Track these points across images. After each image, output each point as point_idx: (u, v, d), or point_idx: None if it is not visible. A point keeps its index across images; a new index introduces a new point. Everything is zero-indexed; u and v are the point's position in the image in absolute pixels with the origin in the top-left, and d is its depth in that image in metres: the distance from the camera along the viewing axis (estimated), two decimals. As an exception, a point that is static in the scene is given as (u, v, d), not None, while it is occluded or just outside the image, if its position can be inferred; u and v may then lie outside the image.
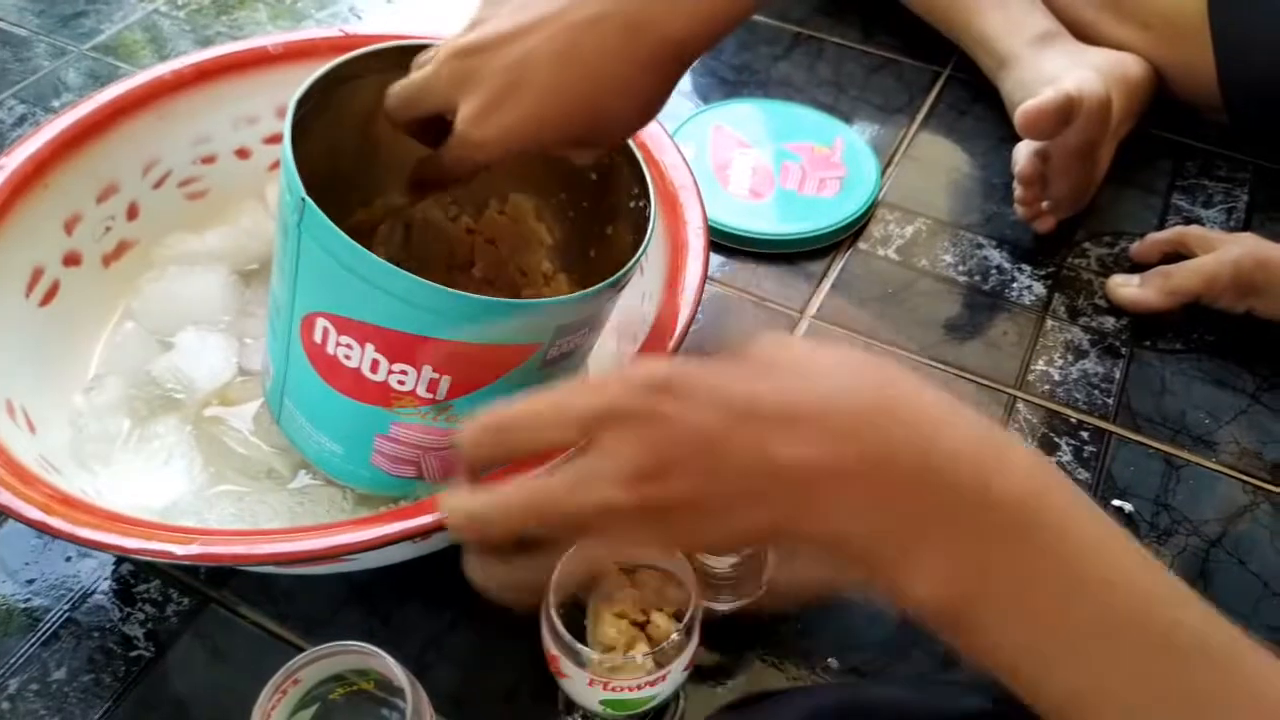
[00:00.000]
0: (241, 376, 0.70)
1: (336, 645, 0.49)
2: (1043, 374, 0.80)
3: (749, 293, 0.85)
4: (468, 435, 0.40)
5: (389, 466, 0.58)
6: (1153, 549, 0.68)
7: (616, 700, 0.51)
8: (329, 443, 0.59)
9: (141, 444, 0.65)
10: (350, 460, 0.59)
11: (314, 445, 0.60)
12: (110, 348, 0.71)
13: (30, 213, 0.66)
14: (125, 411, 0.67)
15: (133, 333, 0.71)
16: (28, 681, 0.60)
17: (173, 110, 0.73)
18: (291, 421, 0.60)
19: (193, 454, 0.65)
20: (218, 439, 0.66)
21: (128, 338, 0.71)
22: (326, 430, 0.58)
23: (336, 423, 0.57)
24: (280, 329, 0.55)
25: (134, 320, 0.72)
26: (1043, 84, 0.86)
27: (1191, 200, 0.95)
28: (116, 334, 0.71)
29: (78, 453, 0.64)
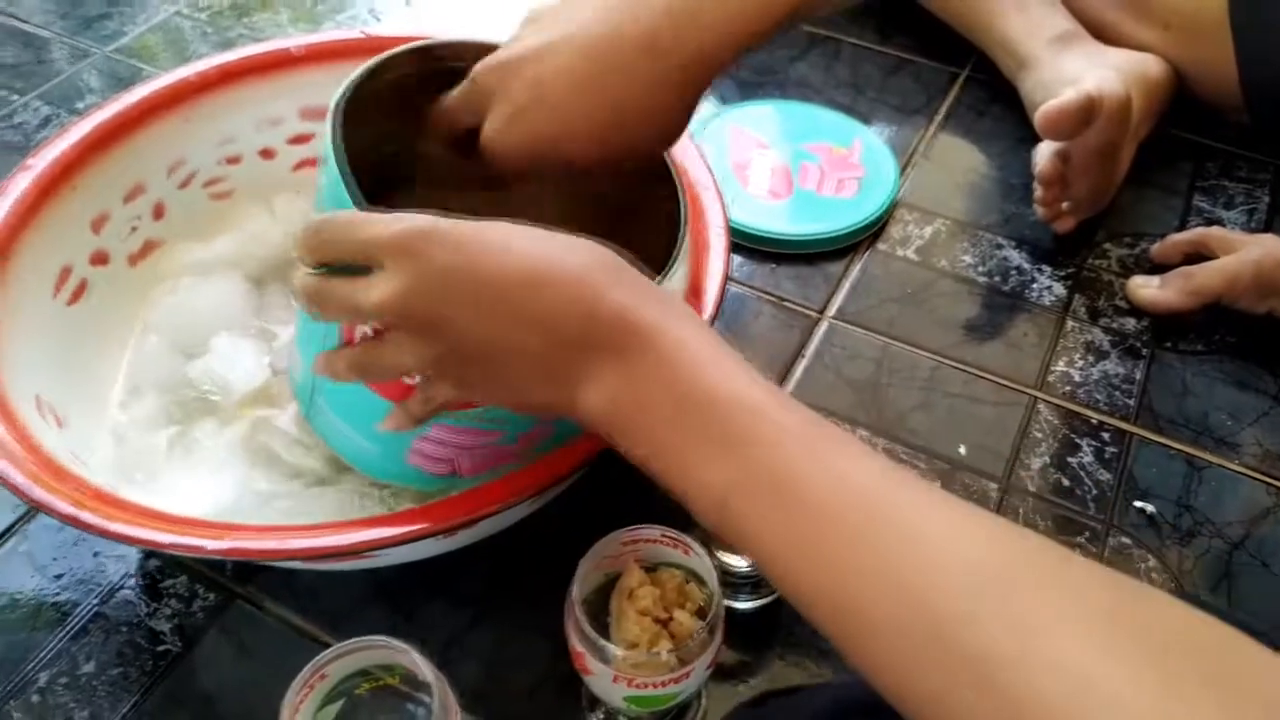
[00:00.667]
0: (277, 376, 0.70)
1: (364, 640, 0.49)
2: (1063, 375, 0.79)
3: (768, 293, 0.85)
4: (301, 238, 0.48)
5: (426, 465, 0.58)
6: (1176, 551, 0.68)
7: (640, 697, 0.51)
8: (364, 441, 0.59)
9: (186, 454, 0.65)
10: (384, 459, 0.59)
11: (347, 443, 0.60)
12: (138, 361, 0.71)
13: (59, 213, 0.67)
14: (164, 420, 0.67)
15: (157, 346, 0.72)
16: (57, 675, 0.60)
17: (198, 111, 0.74)
18: (322, 418, 0.60)
19: (238, 461, 0.65)
20: (263, 445, 0.66)
21: (154, 351, 0.71)
22: (362, 430, 0.58)
23: (371, 422, 0.57)
24: (316, 327, 0.55)
25: (156, 334, 0.72)
26: (1063, 85, 0.86)
27: (1212, 201, 0.95)
28: (142, 347, 0.72)
29: (122, 465, 0.64)
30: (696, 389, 0.42)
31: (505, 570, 0.65)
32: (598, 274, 0.45)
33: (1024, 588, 0.34)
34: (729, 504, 0.41)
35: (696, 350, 0.43)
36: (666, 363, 0.43)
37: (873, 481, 0.39)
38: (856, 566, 0.37)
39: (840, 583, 0.37)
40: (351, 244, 0.47)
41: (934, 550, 0.36)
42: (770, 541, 0.40)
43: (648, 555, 0.55)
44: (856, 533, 0.38)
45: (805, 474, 0.39)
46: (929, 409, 0.77)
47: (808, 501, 0.39)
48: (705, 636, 0.51)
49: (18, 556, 0.66)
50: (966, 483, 0.72)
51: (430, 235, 0.45)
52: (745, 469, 0.40)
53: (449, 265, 0.44)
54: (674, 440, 0.42)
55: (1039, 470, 0.73)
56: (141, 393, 0.69)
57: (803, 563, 0.39)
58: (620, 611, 0.54)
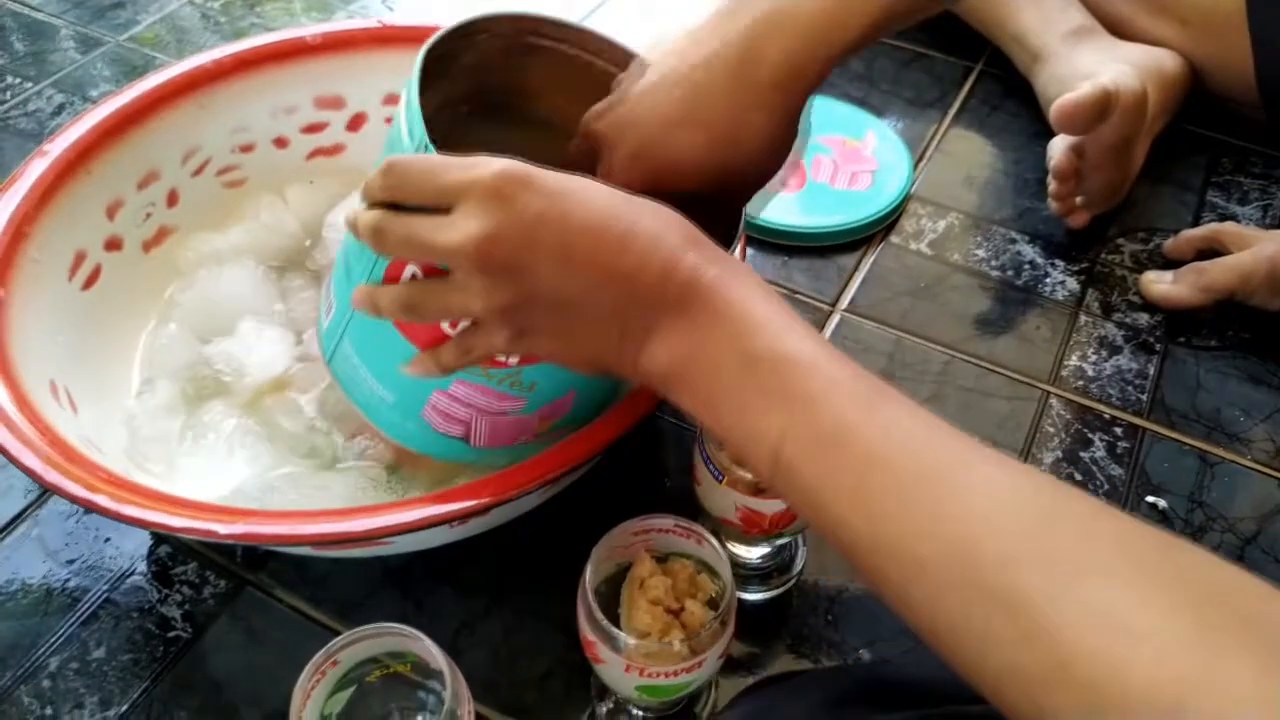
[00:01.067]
0: (300, 364, 0.70)
1: (376, 627, 0.49)
2: (1076, 369, 0.79)
3: (780, 286, 0.85)
4: (374, 177, 0.49)
5: (438, 422, 0.57)
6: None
7: (652, 686, 0.51)
8: (381, 389, 0.58)
9: (197, 438, 0.65)
10: (398, 410, 0.59)
11: (364, 390, 0.59)
12: (154, 351, 0.71)
13: (74, 198, 0.67)
14: (178, 407, 0.68)
15: (175, 334, 0.72)
16: (68, 660, 0.61)
17: (213, 99, 0.74)
18: (345, 363, 0.60)
19: (248, 446, 0.65)
20: (276, 424, 0.66)
21: (171, 339, 0.71)
22: (383, 377, 0.58)
23: (396, 369, 0.56)
24: (358, 269, 0.55)
25: (175, 323, 0.72)
26: (1078, 79, 0.86)
27: (1227, 197, 0.94)
28: (160, 336, 0.72)
29: (134, 454, 0.64)
30: (758, 345, 0.44)
31: (516, 559, 0.65)
32: (674, 235, 0.46)
33: (1064, 533, 0.35)
34: (782, 453, 0.42)
35: (758, 309, 0.45)
36: (734, 322, 0.44)
37: (920, 431, 0.41)
38: (903, 510, 0.38)
39: (886, 526, 0.38)
40: (434, 184, 0.47)
41: (978, 495, 0.37)
42: (820, 489, 0.41)
43: (659, 545, 0.55)
44: (904, 478, 0.39)
45: (855, 424, 0.41)
46: (941, 403, 0.76)
47: (857, 450, 0.40)
48: (717, 627, 0.50)
49: (29, 542, 0.66)
50: (978, 477, 0.71)
51: (524, 181, 0.45)
52: (798, 420, 0.42)
53: (542, 212, 0.45)
54: (732, 395, 0.44)
55: (1051, 465, 0.73)
56: (156, 382, 0.69)
57: (851, 508, 0.40)
58: (631, 601, 0.54)
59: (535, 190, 0.45)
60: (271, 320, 0.72)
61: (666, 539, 0.55)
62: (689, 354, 0.45)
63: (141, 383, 0.69)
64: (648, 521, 0.54)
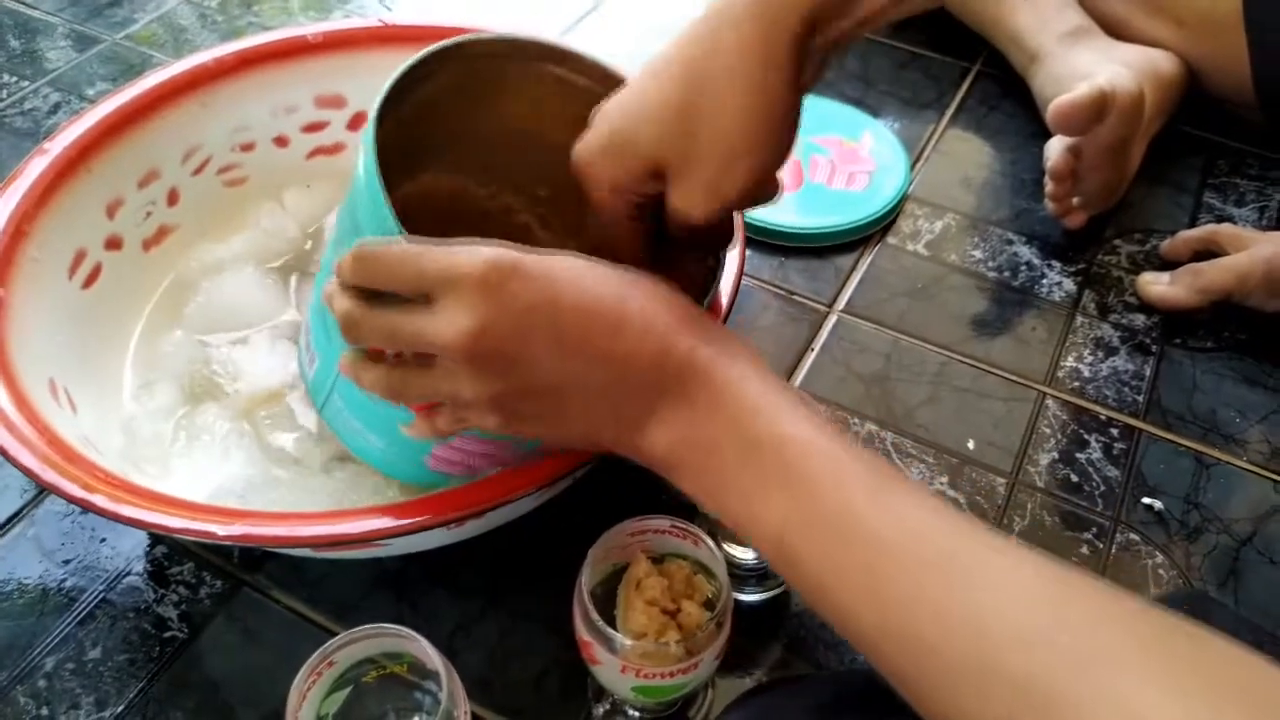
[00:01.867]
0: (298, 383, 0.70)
1: (372, 628, 0.49)
2: (1072, 371, 0.79)
3: (777, 286, 0.85)
4: (343, 261, 0.48)
5: (443, 468, 0.58)
6: (1183, 547, 0.68)
7: (648, 687, 0.51)
8: (377, 441, 0.58)
9: (191, 439, 0.65)
10: (398, 459, 0.59)
11: (360, 440, 0.60)
12: (157, 355, 0.71)
13: (74, 196, 0.67)
14: (174, 408, 0.67)
15: (180, 341, 0.71)
16: (64, 660, 0.61)
17: (214, 97, 0.74)
18: (338, 415, 0.60)
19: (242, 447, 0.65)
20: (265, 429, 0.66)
21: (176, 345, 0.71)
22: (379, 431, 0.58)
23: (394, 427, 0.56)
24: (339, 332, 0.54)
25: (181, 330, 0.72)
26: (1074, 80, 0.86)
27: (1223, 198, 0.94)
28: (163, 342, 0.71)
29: (131, 456, 0.64)
30: (758, 429, 0.43)
31: (512, 560, 0.65)
32: (667, 315, 0.46)
33: (1079, 623, 0.35)
34: (785, 540, 0.42)
35: (755, 391, 0.44)
36: (732, 405, 0.44)
37: (929, 519, 0.40)
38: (913, 597, 0.38)
39: (897, 614, 0.38)
40: (413, 276, 0.46)
41: (990, 582, 0.37)
42: (826, 576, 0.40)
43: (655, 546, 0.55)
44: (912, 566, 0.38)
45: (862, 511, 0.40)
46: (937, 404, 0.76)
47: (864, 538, 0.40)
48: (713, 628, 0.50)
49: (25, 542, 0.66)
50: (974, 478, 0.72)
51: (511, 270, 0.44)
52: (801, 506, 0.41)
53: (531, 301, 0.44)
54: (733, 480, 0.44)
55: (1047, 466, 0.73)
56: (156, 385, 0.69)
57: (859, 596, 0.39)
58: (627, 602, 0.54)
59: (523, 278, 0.44)
60: (285, 332, 0.72)
61: (663, 540, 0.55)
62: (688, 439, 0.45)
63: (140, 385, 0.69)
64: (644, 522, 0.54)
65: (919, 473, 0.72)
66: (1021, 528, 0.69)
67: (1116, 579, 0.66)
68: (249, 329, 0.72)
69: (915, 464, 0.72)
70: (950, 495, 0.71)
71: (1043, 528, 0.69)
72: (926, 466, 0.72)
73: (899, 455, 0.73)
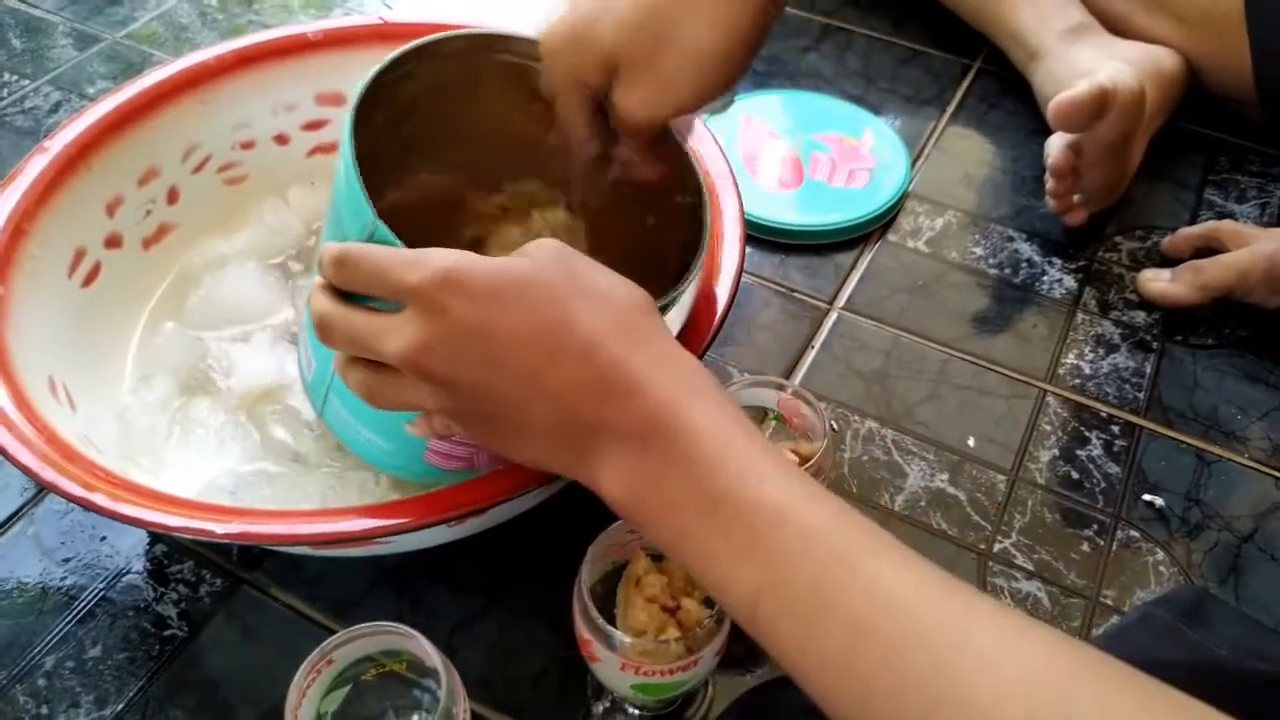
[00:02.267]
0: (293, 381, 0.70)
1: (371, 626, 0.49)
2: (1073, 368, 0.79)
3: (777, 283, 0.85)
4: (323, 258, 0.47)
5: (439, 461, 0.57)
6: (1184, 544, 0.68)
7: (647, 685, 0.51)
8: (377, 439, 0.58)
9: (185, 434, 0.65)
10: (398, 455, 0.59)
11: (360, 439, 0.59)
12: (153, 349, 0.71)
13: (73, 194, 0.67)
14: (170, 402, 0.67)
15: (177, 333, 0.71)
16: (64, 659, 0.61)
17: (214, 95, 0.74)
18: (336, 416, 0.60)
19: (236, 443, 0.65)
20: (260, 424, 0.66)
21: (172, 338, 0.71)
22: (378, 429, 0.58)
23: (393, 425, 0.56)
24: None
25: (179, 323, 0.72)
26: (1075, 77, 0.85)
27: (1224, 195, 0.94)
28: (161, 336, 0.71)
29: (125, 448, 0.64)
30: (719, 485, 0.40)
31: (512, 558, 0.65)
32: (617, 339, 0.43)
33: (1082, 704, 0.33)
34: (759, 612, 0.39)
35: (718, 439, 0.41)
36: (687, 454, 0.41)
37: (909, 589, 0.37)
38: (899, 686, 0.35)
39: (883, 704, 0.35)
40: (382, 285, 0.45)
41: (982, 669, 0.34)
42: (804, 656, 0.38)
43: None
44: (896, 649, 0.36)
45: (836, 582, 0.38)
46: (938, 401, 0.76)
47: (841, 614, 0.37)
48: (713, 625, 0.50)
49: (25, 540, 0.66)
50: (975, 475, 0.71)
51: (456, 287, 0.43)
52: (774, 578, 0.39)
53: (464, 324, 0.43)
54: (697, 538, 0.41)
55: (1048, 463, 0.73)
56: (153, 378, 0.69)
57: (839, 679, 0.37)
58: (627, 599, 0.53)
59: (466, 296, 0.42)
60: (284, 332, 0.73)
61: (662, 537, 0.55)
62: (643, 488, 0.42)
63: (139, 378, 0.69)
64: (644, 520, 0.54)
65: (919, 470, 0.72)
66: (1022, 525, 0.69)
67: (1117, 576, 0.66)
68: (248, 325, 0.72)
69: (916, 461, 0.72)
70: (950, 492, 0.70)
71: (1043, 525, 0.69)
72: (927, 464, 0.72)
73: (899, 452, 0.73)
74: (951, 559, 0.67)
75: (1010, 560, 0.67)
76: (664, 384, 0.42)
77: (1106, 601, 0.65)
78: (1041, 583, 0.66)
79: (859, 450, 0.73)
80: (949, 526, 0.69)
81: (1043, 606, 0.65)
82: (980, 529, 0.69)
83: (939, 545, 0.68)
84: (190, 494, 0.61)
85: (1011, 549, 0.68)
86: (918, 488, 0.71)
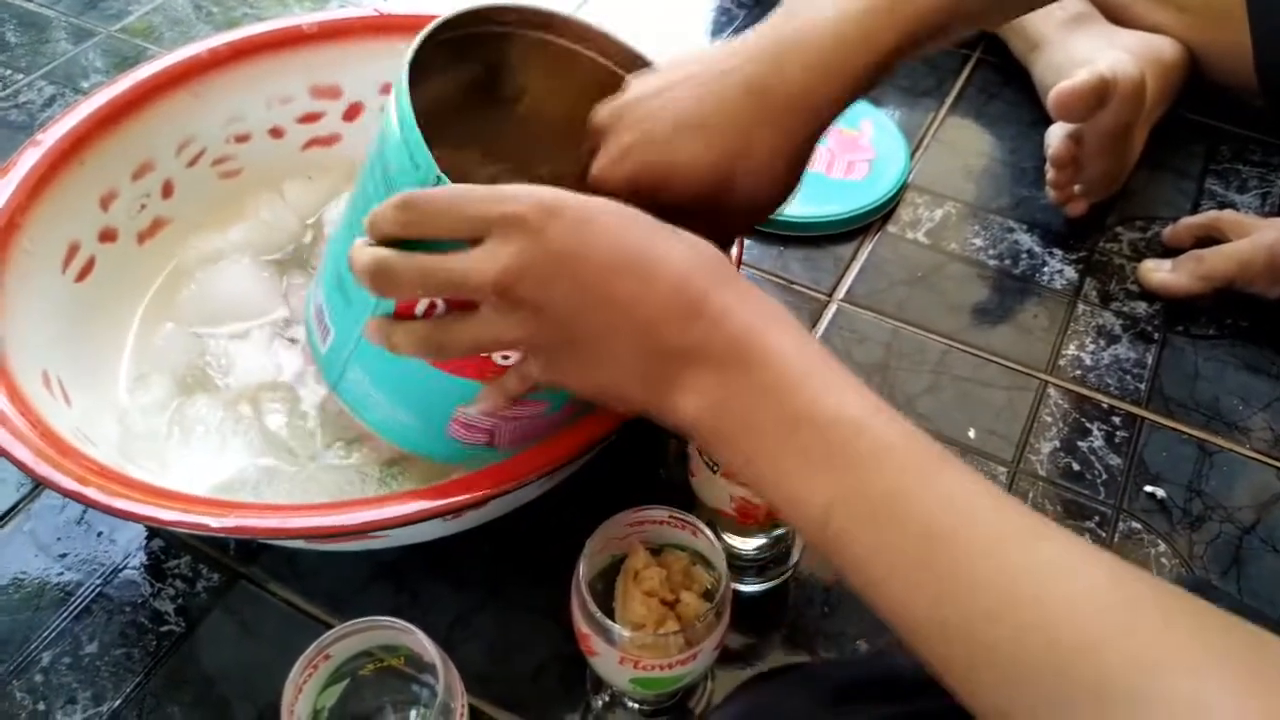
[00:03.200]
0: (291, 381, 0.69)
1: (368, 621, 0.49)
2: (1074, 359, 0.79)
3: (776, 275, 0.84)
4: (378, 211, 0.46)
5: (462, 435, 0.57)
6: (1186, 536, 0.68)
7: (647, 679, 0.51)
8: (399, 412, 0.57)
9: (186, 432, 0.65)
10: (423, 431, 0.58)
11: (379, 413, 0.58)
12: (149, 347, 0.71)
13: (67, 188, 0.67)
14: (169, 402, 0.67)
15: (171, 332, 0.71)
16: (60, 655, 0.60)
17: (207, 89, 0.74)
18: (354, 389, 0.59)
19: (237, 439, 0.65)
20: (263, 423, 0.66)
21: (169, 337, 0.71)
22: (404, 403, 0.57)
23: (419, 395, 0.56)
24: (361, 298, 0.53)
25: (172, 321, 0.72)
26: (1075, 66, 0.85)
27: (1225, 185, 0.94)
28: (155, 333, 0.71)
29: (127, 450, 0.64)
30: (798, 404, 0.41)
31: (511, 552, 0.65)
32: (702, 274, 0.44)
33: (1146, 624, 0.34)
34: (831, 523, 0.39)
35: (799, 363, 0.42)
36: (768, 376, 0.42)
37: (981, 501, 0.38)
38: (970, 591, 0.36)
39: (952, 608, 0.36)
40: (460, 218, 0.45)
41: (1051, 577, 0.35)
42: (875, 563, 0.39)
43: (654, 537, 0.55)
44: (968, 555, 0.36)
45: (911, 493, 0.38)
46: (938, 393, 0.76)
47: (915, 522, 0.38)
48: (712, 619, 0.50)
49: (21, 536, 0.66)
50: (975, 466, 0.70)
51: (552, 210, 0.44)
52: (849, 488, 0.39)
53: (563, 247, 0.43)
54: (773, 456, 0.41)
55: (1049, 454, 0.72)
56: (150, 377, 0.68)
57: (909, 585, 0.37)
58: (626, 593, 0.53)
59: (562, 221, 0.43)
60: (280, 329, 0.72)
61: (661, 531, 0.54)
62: (720, 408, 0.43)
63: (135, 378, 0.69)
64: (642, 513, 0.53)
65: (920, 462, 0.71)
66: (1023, 517, 0.69)
67: (1119, 568, 0.66)
68: (245, 322, 0.72)
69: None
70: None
71: (1045, 516, 0.68)
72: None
73: (899, 445, 0.72)
74: (952, 551, 0.67)
75: (1011, 552, 0.67)
76: (747, 313, 0.43)
77: (1108, 593, 0.65)
78: (1042, 575, 0.66)
79: (859, 442, 0.72)
80: (949, 519, 0.68)
81: (1044, 598, 0.64)
82: (981, 521, 0.68)
83: (939, 537, 0.67)
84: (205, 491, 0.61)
85: (1012, 541, 0.67)
86: (918, 480, 0.70)
